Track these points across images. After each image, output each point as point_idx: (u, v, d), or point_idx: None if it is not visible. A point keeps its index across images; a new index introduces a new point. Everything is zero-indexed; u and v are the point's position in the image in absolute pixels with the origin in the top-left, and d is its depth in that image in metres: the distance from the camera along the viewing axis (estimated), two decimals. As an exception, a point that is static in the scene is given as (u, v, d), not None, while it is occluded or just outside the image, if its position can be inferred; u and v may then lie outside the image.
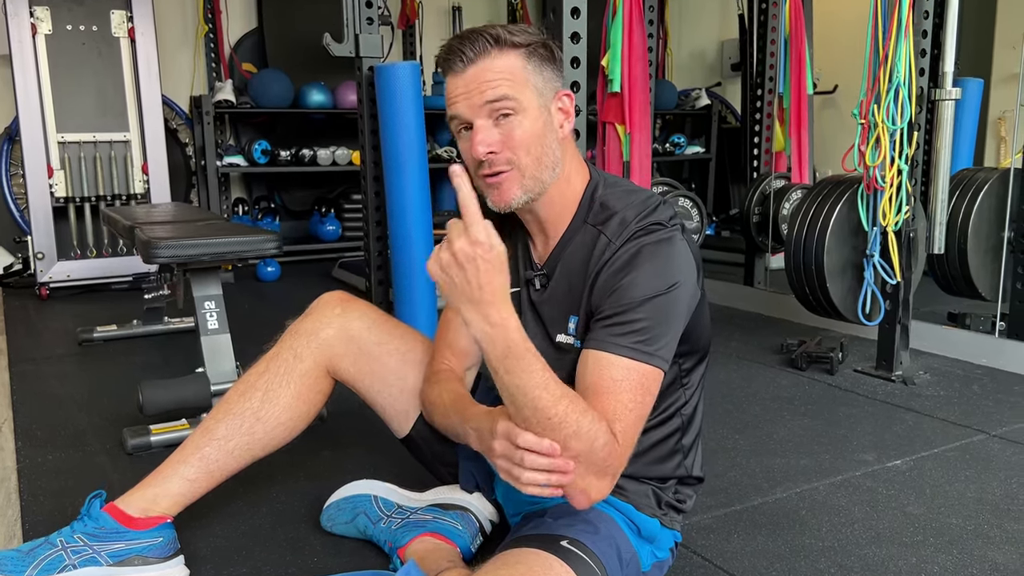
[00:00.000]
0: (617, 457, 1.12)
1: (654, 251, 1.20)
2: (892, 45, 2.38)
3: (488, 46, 1.19)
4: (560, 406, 1.06)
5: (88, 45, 3.95)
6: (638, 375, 1.15)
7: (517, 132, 1.20)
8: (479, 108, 1.19)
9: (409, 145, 2.77)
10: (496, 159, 1.21)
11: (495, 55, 1.19)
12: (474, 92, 1.19)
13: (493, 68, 1.19)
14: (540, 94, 1.22)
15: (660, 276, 1.18)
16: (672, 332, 1.20)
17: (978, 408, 2.32)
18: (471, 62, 1.19)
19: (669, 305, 1.19)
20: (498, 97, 1.19)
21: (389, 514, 1.52)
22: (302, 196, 5.26)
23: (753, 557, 1.52)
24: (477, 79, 1.19)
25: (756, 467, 1.93)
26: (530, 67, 1.21)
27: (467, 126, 1.22)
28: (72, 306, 3.77)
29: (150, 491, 1.40)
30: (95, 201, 4.01)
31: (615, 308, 1.18)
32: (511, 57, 1.20)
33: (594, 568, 1.18)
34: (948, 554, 1.52)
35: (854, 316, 2.64)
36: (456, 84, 1.21)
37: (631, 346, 1.16)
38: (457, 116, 1.22)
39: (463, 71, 1.20)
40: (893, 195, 2.45)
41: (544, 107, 1.23)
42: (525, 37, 1.22)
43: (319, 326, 1.47)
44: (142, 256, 2.04)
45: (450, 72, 1.22)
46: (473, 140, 1.20)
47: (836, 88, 5.31)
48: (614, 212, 1.26)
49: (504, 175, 1.22)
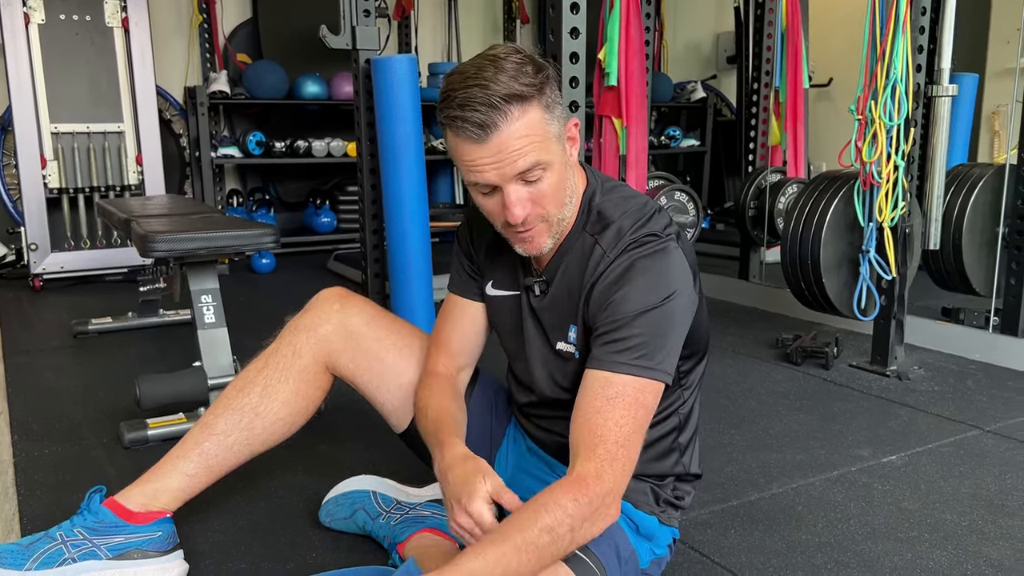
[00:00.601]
0: (598, 498, 1.10)
1: (647, 265, 1.19)
2: (889, 41, 2.38)
3: (508, 108, 1.10)
4: (523, 559, 1.07)
5: (81, 35, 3.93)
6: (633, 390, 1.15)
7: (545, 189, 1.17)
8: (511, 176, 1.14)
9: (406, 138, 2.76)
10: (528, 219, 1.19)
11: (517, 116, 1.11)
12: (504, 163, 1.13)
13: (519, 133, 1.12)
14: (559, 139, 1.18)
15: (654, 289, 1.17)
16: (671, 343, 1.19)
17: (972, 403, 2.34)
18: (493, 130, 1.11)
19: (665, 317, 1.17)
20: (530, 166, 1.14)
21: (388, 510, 1.53)
22: (297, 188, 5.25)
23: (750, 552, 1.53)
24: (503, 149, 1.12)
25: (752, 462, 1.94)
26: (547, 116, 1.15)
27: (492, 188, 1.17)
28: (66, 298, 3.76)
29: (150, 486, 1.40)
30: (89, 192, 4.00)
31: (610, 324, 1.18)
32: (532, 113, 1.13)
33: (593, 568, 1.18)
34: (943, 550, 1.54)
35: (849, 311, 2.65)
36: (478, 153, 1.13)
37: (629, 362, 1.15)
38: (483, 182, 1.16)
39: (485, 141, 1.11)
40: (889, 191, 2.45)
41: (562, 149, 1.19)
42: (534, 80, 1.13)
43: (318, 322, 1.47)
44: (139, 250, 2.03)
45: (468, 140, 1.13)
46: (508, 205, 1.16)
47: (831, 81, 5.32)
48: (610, 221, 1.25)
49: (534, 230, 1.21)
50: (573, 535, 1.09)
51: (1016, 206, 2.81)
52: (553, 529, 1.07)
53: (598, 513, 1.11)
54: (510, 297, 1.39)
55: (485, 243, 1.40)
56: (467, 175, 1.17)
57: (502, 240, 1.30)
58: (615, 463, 1.12)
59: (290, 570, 1.46)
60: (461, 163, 1.17)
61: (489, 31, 5.78)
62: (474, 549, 1.08)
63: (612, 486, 1.12)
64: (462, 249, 1.46)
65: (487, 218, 1.25)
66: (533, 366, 1.35)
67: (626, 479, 1.15)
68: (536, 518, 1.08)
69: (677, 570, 1.45)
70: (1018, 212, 2.80)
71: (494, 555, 1.06)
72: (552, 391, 1.34)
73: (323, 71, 4.85)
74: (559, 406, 1.32)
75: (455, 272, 1.46)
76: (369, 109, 3.00)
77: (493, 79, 1.11)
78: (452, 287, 1.47)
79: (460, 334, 1.44)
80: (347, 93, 4.85)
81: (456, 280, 1.46)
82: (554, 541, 1.08)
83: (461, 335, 1.44)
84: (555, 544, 1.08)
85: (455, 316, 1.44)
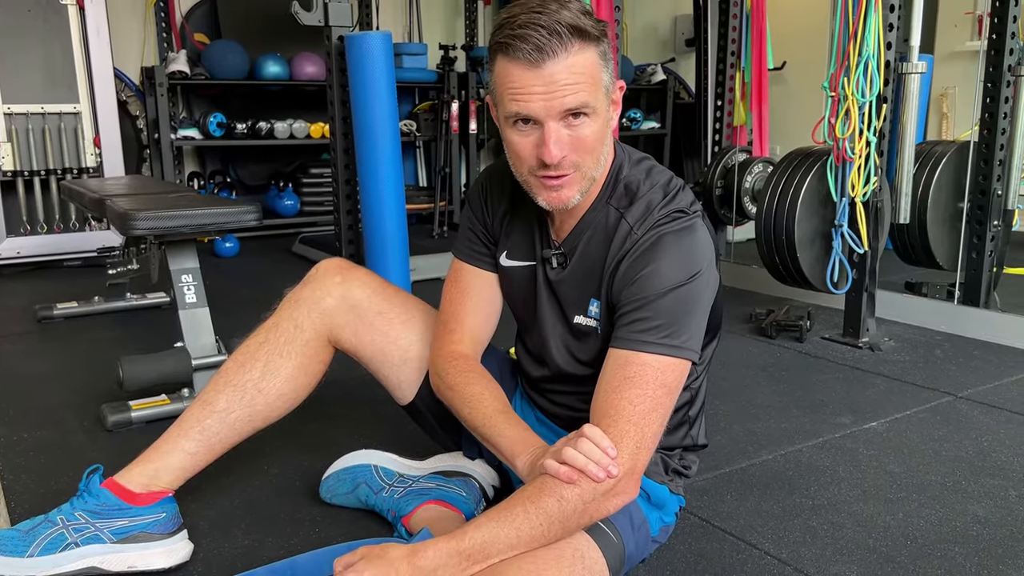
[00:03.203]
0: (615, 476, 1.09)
1: (676, 240, 1.18)
2: (861, 19, 2.43)
3: (571, 40, 1.08)
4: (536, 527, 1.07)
5: (34, 12, 3.79)
6: (655, 369, 1.14)
7: (587, 135, 1.14)
8: (557, 112, 1.11)
9: (382, 116, 2.74)
10: (564, 162, 1.15)
11: (577, 50, 1.09)
12: (555, 94, 1.09)
13: (575, 68, 1.09)
14: (607, 92, 1.16)
15: (682, 267, 1.17)
16: (697, 321, 1.19)
17: (942, 372, 2.41)
18: (553, 56, 1.08)
19: (692, 295, 1.17)
20: (579, 105, 1.10)
21: (391, 483, 1.52)
22: (258, 170, 5.16)
23: (748, 516, 1.56)
24: (558, 80, 1.09)
25: (740, 432, 1.98)
26: (602, 63, 1.13)
27: (528, 120, 1.13)
28: (24, 284, 3.64)
29: (150, 466, 1.37)
30: (45, 175, 3.87)
31: (636, 302, 1.17)
32: (590, 53, 1.11)
33: (610, 534, 1.20)
34: (932, 509, 1.59)
35: (822, 285, 2.71)
36: (531, 79, 1.09)
37: (656, 341, 1.15)
38: (526, 115, 1.12)
39: (540, 65, 1.08)
40: (862, 166, 2.51)
41: (607, 104, 1.17)
42: (597, 28, 1.12)
43: (320, 295, 1.44)
44: (119, 228, 1.99)
45: (519, 62, 1.09)
46: (547, 143, 1.12)
47: (784, 64, 5.41)
48: (638, 196, 1.23)
49: (566, 178, 1.17)
50: (586, 507, 1.09)
51: (978, 182, 2.90)
52: (566, 500, 1.07)
53: (614, 490, 1.11)
54: (525, 268, 1.36)
55: (501, 210, 1.37)
56: (511, 104, 1.12)
57: (519, 207, 1.28)
58: (638, 444, 1.12)
59: (294, 545, 1.45)
60: (506, 91, 1.12)
61: (450, 12, 5.73)
62: (486, 515, 1.09)
63: (631, 465, 1.12)
64: (475, 215, 1.41)
65: (514, 161, 1.20)
66: (548, 340, 1.35)
67: (646, 458, 1.15)
68: (552, 489, 1.08)
69: (681, 535, 1.48)
70: (979, 188, 2.89)
71: (509, 518, 1.07)
72: (568, 365, 1.34)
73: (284, 51, 4.77)
74: (575, 381, 1.32)
75: (466, 240, 1.42)
76: (343, 87, 2.96)
77: (559, 11, 1.09)
78: (463, 256, 1.42)
79: (478, 310, 1.40)
80: (309, 74, 4.78)
81: (467, 248, 1.42)
82: (564, 512, 1.08)
83: (479, 312, 1.40)
84: (566, 514, 1.08)
85: (471, 291, 1.40)
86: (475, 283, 1.41)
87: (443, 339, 1.39)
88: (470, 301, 1.40)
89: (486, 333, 1.43)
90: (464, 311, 1.40)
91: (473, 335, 1.40)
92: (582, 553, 1.12)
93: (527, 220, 1.29)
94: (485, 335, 1.43)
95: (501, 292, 1.42)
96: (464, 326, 1.39)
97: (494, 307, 1.43)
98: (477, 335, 1.41)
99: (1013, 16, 2.76)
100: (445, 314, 1.42)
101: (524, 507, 1.08)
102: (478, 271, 1.41)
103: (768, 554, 1.43)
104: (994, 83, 2.81)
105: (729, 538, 1.48)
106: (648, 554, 1.35)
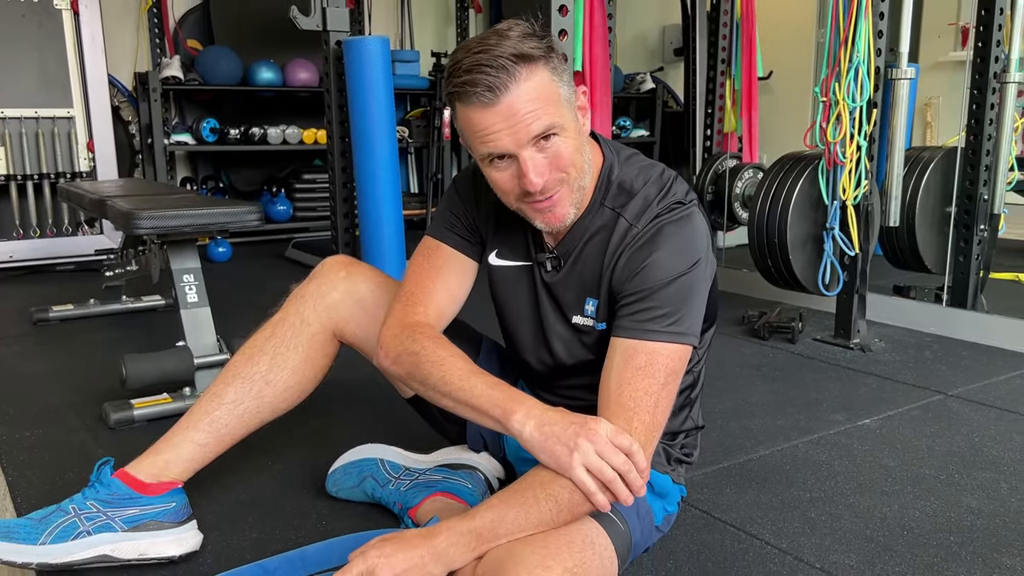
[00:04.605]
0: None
1: (675, 231, 1.21)
2: (852, 26, 2.48)
3: (515, 68, 1.10)
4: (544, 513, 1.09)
5: (28, 17, 3.80)
6: (664, 357, 1.17)
7: (562, 152, 1.16)
8: (526, 141, 1.13)
9: (380, 120, 2.76)
10: (548, 184, 1.17)
11: (524, 76, 1.11)
12: (518, 127, 1.11)
13: (528, 94, 1.11)
14: (569, 103, 1.18)
15: (682, 256, 1.20)
16: (698, 307, 1.22)
17: (933, 371, 2.45)
18: (503, 90, 1.10)
19: (692, 283, 1.20)
20: (545, 128, 1.13)
21: (397, 476, 1.54)
22: (250, 175, 5.17)
23: (747, 508, 1.59)
24: (515, 111, 1.11)
25: (736, 428, 2.01)
26: (555, 78, 1.15)
27: (502, 156, 1.15)
28: (17, 287, 3.64)
29: (160, 457, 1.39)
30: (38, 179, 3.88)
31: (639, 291, 1.19)
32: (541, 74, 1.13)
33: (617, 522, 1.22)
34: (927, 501, 1.62)
35: (814, 287, 2.75)
36: (490, 119, 1.12)
37: (661, 329, 1.17)
38: (499, 153, 1.14)
39: (494, 103, 1.10)
40: (852, 170, 2.56)
41: (574, 115, 1.19)
42: (539, 45, 1.14)
43: (325, 290, 1.47)
44: (122, 227, 2.00)
45: (475, 106, 1.12)
46: (526, 173, 1.14)
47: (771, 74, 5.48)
48: (634, 193, 1.26)
49: (555, 197, 1.19)
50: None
51: (964, 187, 2.95)
52: (577, 490, 1.08)
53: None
54: (517, 269, 1.38)
55: (491, 207, 1.36)
56: (480, 147, 1.15)
57: (509, 217, 1.30)
58: (653, 434, 1.16)
59: (302, 537, 1.46)
60: (473, 135, 1.15)
61: (442, 20, 5.78)
62: (497, 496, 1.12)
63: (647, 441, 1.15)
64: (462, 203, 1.40)
65: (500, 195, 1.22)
66: (551, 339, 1.37)
67: (654, 446, 1.18)
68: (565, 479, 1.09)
69: (682, 527, 1.50)
70: (966, 193, 2.95)
71: (519, 501, 1.10)
72: (571, 359, 1.36)
73: (277, 57, 4.79)
74: (578, 372, 1.35)
75: (446, 221, 1.39)
76: (340, 91, 2.99)
77: (499, 44, 1.11)
78: (440, 235, 1.39)
79: (447, 289, 1.36)
80: (302, 80, 4.81)
81: (444, 230, 1.39)
82: (574, 500, 1.09)
83: (448, 291, 1.36)
84: (576, 503, 1.09)
85: (445, 269, 1.36)
86: (450, 263, 1.38)
87: (405, 310, 1.32)
88: (441, 279, 1.36)
89: (449, 314, 1.37)
90: (433, 287, 1.35)
91: (439, 311, 1.34)
92: (592, 539, 1.14)
93: (518, 221, 1.29)
94: (448, 316, 1.37)
95: (490, 291, 1.44)
96: (431, 301, 1.34)
97: (462, 292, 1.39)
98: (443, 312, 1.35)
99: (998, 25, 2.82)
100: (409, 285, 1.36)
101: (535, 492, 1.10)
102: (456, 253, 1.38)
103: (768, 544, 1.46)
104: (980, 90, 2.87)
105: (730, 529, 1.51)
106: (652, 543, 1.38)
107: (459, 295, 1.39)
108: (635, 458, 1.07)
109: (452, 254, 1.38)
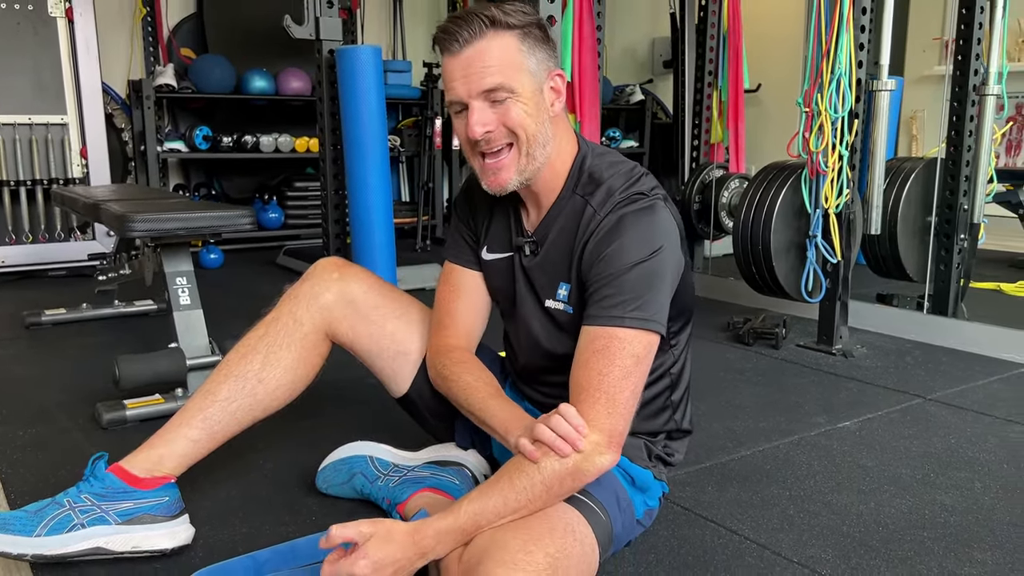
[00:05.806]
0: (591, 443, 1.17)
1: (636, 219, 1.26)
2: (834, 38, 2.54)
3: (483, 27, 1.22)
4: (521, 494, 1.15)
5: (23, 24, 3.83)
6: (623, 342, 1.21)
7: (512, 114, 1.25)
8: (476, 93, 1.24)
9: (372, 128, 2.80)
10: (493, 137, 1.26)
11: (491, 37, 1.23)
12: (472, 76, 1.23)
13: (489, 52, 1.23)
14: (534, 76, 1.27)
15: (643, 243, 1.25)
16: (662, 296, 1.26)
17: (912, 376, 2.50)
18: (467, 43, 1.23)
19: (655, 270, 1.25)
20: (493, 87, 1.24)
21: (386, 473, 1.57)
22: (242, 183, 5.20)
23: (728, 506, 1.63)
24: (473, 63, 1.23)
25: (719, 429, 2.05)
26: (524, 49, 1.25)
27: (464, 107, 1.26)
28: (9, 292, 3.66)
29: (154, 452, 1.42)
30: (31, 185, 3.90)
31: (603, 279, 1.25)
32: (506, 39, 1.24)
33: (598, 512, 1.26)
34: (903, 499, 1.67)
35: (798, 294, 2.80)
36: (453, 66, 1.25)
37: (622, 315, 1.22)
38: (455, 100, 1.27)
39: (459, 52, 1.24)
40: (834, 179, 2.61)
41: (537, 89, 1.27)
42: (520, 18, 1.25)
43: (318, 290, 1.51)
44: (116, 230, 2.03)
45: (446, 53, 1.25)
46: (469, 120, 1.25)
47: (760, 87, 5.55)
48: (601, 182, 1.32)
49: (503, 158, 1.28)
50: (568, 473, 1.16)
51: (945, 197, 3.01)
52: (545, 468, 1.15)
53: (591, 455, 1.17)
54: (504, 259, 1.45)
55: (484, 210, 1.47)
56: (447, 94, 1.28)
57: (498, 204, 1.37)
58: (609, 410, 1.19)
59: (292, 532, 1.49)
60: (445, 83, 1.28)
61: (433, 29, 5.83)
62: (477, 490, 1.18)
63: (609, 430, 1.19)
64: (460, 217, 1.51)
65: (464, 153, 1.33)
66: (530, 326, 1.42)
67: (624, 423, 1.21)
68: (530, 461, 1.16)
69: (664, 522, 1.54)
70: (947, 203, 3.01)
71: (496, 489, 1.16)
72: (550, 347, 1.40)
73: (270, 66, 4.84)
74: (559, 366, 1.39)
75: (454, 242, 1.51)
76: (333, 100, 3.03)
77: (486, 8, 1.23)
78: (452, 258, 1.51)
79: (469, 307, 1.49)
80: (294, 88, 4.85)
81: (455, 251, 1.51)
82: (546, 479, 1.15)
83: (470, 308, 1.49)
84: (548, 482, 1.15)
85: (463, 291, 1.49)
86: (464, 282, 1.50)
87: (438, 335, 1.48)
88: (461, 299, 1.49)
89: (478, 328, 1.52)
90: (456, 308, 1.49)
91: (466, 330, 1.49)
92: (573, 527, 1.18)
93: (504, 215, 1.38)
94: (477, 329, 1.51)
95: (486, 286, 1.50)
96: (456, 322, 1.48)
97: (484, 304, 1.52)
98: (470, 330, 1.50)
99: (977, 39, 2.89)
100: (438, 313, 1.51)
101: (509, 477, 1.16)
102: (467, 271, 1.50)
103: (747, 539, 1.49)
104: (960, 102, 2.93)
105: (710, 525, 1.55)
106: (634, 536, 1.42)
107: (481, 308, 1.51)
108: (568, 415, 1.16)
109: (464, 273, 1.50)
